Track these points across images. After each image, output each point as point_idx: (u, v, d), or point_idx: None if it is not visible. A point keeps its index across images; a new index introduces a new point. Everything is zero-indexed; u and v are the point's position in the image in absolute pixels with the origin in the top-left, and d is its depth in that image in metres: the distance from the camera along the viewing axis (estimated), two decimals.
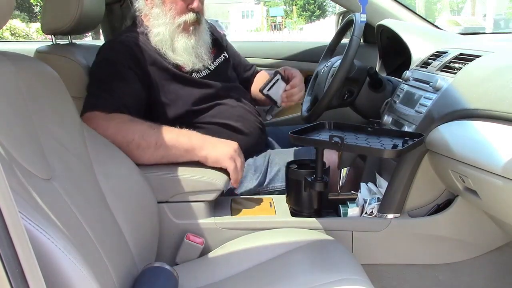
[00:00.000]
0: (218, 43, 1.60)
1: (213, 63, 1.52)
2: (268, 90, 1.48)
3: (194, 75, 1.44)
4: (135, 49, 1.37)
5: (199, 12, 1.42)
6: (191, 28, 1.41)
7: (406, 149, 1.06)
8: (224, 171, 1.27)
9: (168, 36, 1.39)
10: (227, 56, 1.61)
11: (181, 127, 1.29)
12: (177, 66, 1.41)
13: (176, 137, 1.25)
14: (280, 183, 1.40)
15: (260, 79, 1.70)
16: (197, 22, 1.42)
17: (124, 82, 1.32)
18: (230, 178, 1.27)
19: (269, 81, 1.47)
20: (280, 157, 1.45)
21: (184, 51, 1.40)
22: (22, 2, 17.04)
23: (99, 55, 1.40)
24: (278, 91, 1.49)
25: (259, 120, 1.55)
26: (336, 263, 1.05)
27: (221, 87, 1.49)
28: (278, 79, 1.47)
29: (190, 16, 1.40)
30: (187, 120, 1.38)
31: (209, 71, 1.49)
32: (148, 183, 1.17)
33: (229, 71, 1.61)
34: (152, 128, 1.25)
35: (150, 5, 1.42)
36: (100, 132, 1.16)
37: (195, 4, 1.39)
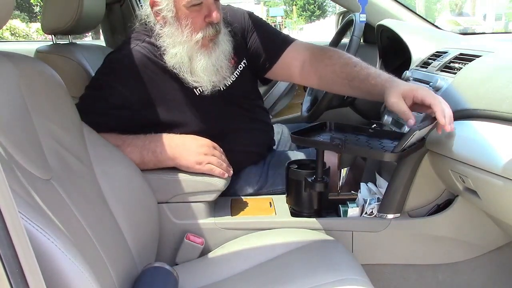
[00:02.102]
0: (239, 47, 1.38)
1: (230, 77, 1.36)
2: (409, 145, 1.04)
3: (208, 92, 1.30)
4: (140, 67, 1.25)
5: (218, 24, 1.24)
6: (210, 44, 1.25)
7: (406, 153, 1.05)
8: None
9: (186, 57, 1.24)
10: (247, 63, 1.42)
11: None
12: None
13: (140, 155, 1.21)
14: (281, 187, 1.39)
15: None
16: (216, 35, 1.26)
17: (108, 105, 1.24)
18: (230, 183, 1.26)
19: (403, 144, 1.01)
20: (280, 161, 1.44)
21: (203, 72, 1.25)
22: (22, 2, 17.03)
23: (100, 66, 1.31)
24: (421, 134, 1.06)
25: (271, 136, 1.53)
26: (336, 263, 1.05)
27: (237, 106, 1.39)
28: (415, 135, 1.01)
29: (208, 31, 1.23)
30: None
31: (225, 87, 1.34)
32: (148, 184, 1.17)
33: (248, 81, 1.44)
34: (119, 146, 1.20)
35: (162, 22, 1.24)
36: None
37: (213, 16, 1.20)
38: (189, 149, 1.23)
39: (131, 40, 1.30)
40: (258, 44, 1.41)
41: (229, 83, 1.36)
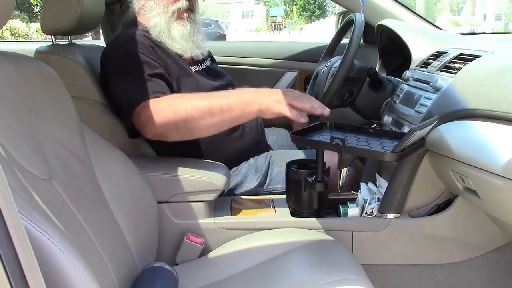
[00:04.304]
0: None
1: (206, 61, 1.56)
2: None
3: (195, 67, 1.46)
4: (141, 45, 1.36)
5: (191, 0, 1.43)
6: (185, 15, 1.43)
7: (407, 153, 1.05)
8: (226, 170, 1.29)
9: (164, 25, 1.40)
10: (215, 63, 1.67)
11: None
12: (180, 58, 1.43)
13: (227, 100, 1.21)
14: (281, 185, 1.39)
15: None
16: (191, 9, 1.44)
17: (152, 68, 1.32)
18: (232, 177, 1.31)
19: (403, 144, 1.02)
20: (281, 159, 1.45)
21: (181, 38, 1.42)
22: (22, 2, 17.04)
23: (110, 58, 1.37)
24: None
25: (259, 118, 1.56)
26: (336, 263, 1.05)
27: (222, 83, 1.52)
28: (415, 135, 1.03)
29: (182, 3, 1.41)
30: None
31: (205, 66, 1.52)
32: (148, 183, 1.17)
33: (222, 72, 1.62)
34: (201, 97, 1.23)
35: (143, 0, 1.44)
36: (156, 117, 1.18)
37: None
38: (271, 91, 1.23)
39: (126, 30, 1.44)
40: None
41: (208, 64, 1.54)
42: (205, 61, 1.55)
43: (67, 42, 1.57)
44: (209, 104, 1.20)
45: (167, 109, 1.20)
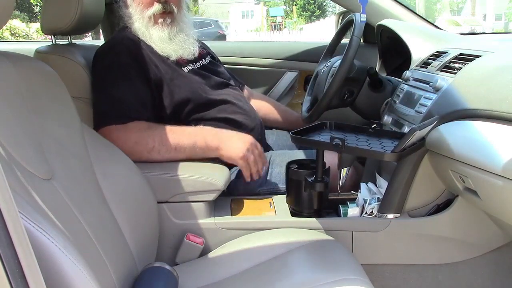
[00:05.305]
0: (206, 48, 1.65)
1: (204, 59, 1.56)
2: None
3: (188, 67, 1.46)
4: (134, 47, 1.38)
5: (166, 2, 1.42)
6: (160, 20, 1.43)
7: (406, 153, 1.05)
8: (225, 170, 1.29)
9: (145, 30, 1.42)
10: (217, 61, 1.67)
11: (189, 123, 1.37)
12: (169, 59, 1.43)
13: (194, 140, 1.30)
14: (281, 185, 1.39)
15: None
16: (166, 13, 1.43)
17: (132, 85, 1.33)
18: (232, 177, 1.32)
19: (403, 144, 1.03)
20: (281, 159, 1.45)
21: (161, 42, 1.42)
22: (22, 2, 17.04)
23: (100, 60, 1.40)
24: None
25: (259, 117, 1.57)
26: (336, 263, 1.05)
27: (220, 81, 1.52)
28: (415, 135, 1.04)
29: (156, 8, 1.41)
30: (194, 116, 1.41)
31: (201, 64, 1.52)
32: (148, 183, 1.17)
33: (223, 71, 1.63)
34: (170, 131, 1.29)
35: (125, 6, 1.47)
36: (121, 144, 1.21)
37: None
38: (235, 142, 1.32)
39: (120, 32, 1.47)
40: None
41: (205, 63, 1.55)
42: (202, 60, 1.54)
43: (67, 42, 1.57)
44: (176, 141, 1.28)
45: (133, 139, 1.26)
